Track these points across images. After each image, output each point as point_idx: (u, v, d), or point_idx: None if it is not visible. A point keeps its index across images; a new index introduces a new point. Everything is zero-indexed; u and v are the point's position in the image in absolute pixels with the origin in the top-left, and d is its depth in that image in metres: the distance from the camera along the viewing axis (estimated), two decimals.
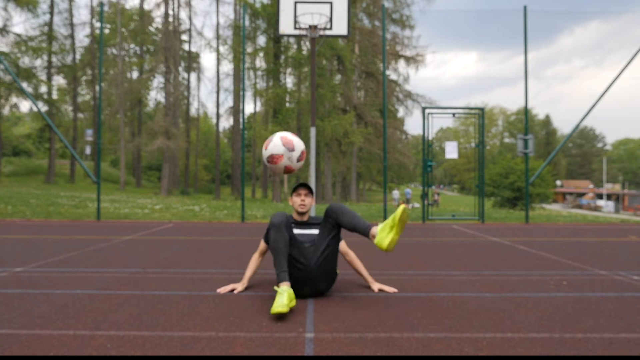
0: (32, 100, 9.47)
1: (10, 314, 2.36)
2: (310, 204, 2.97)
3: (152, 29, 33.78)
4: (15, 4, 24.56)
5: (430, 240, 5.94)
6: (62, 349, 1.87)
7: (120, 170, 28.85)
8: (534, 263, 4.21)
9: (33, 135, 41.50)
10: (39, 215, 8.99)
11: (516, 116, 71.35)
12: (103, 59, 14.43)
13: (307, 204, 2.95)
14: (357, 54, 25.10)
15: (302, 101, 22.84)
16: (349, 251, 3.08)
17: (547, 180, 28.14)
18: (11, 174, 28.00)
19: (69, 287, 3.01)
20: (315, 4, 7.65)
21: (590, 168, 75.52)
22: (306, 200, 2.95)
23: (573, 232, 7.26)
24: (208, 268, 3.77)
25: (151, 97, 37.58)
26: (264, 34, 24.64)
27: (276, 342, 1.98)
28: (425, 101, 29.09)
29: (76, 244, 5.08)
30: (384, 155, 9.33)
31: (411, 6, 28.02)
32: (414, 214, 11.15)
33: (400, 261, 4.24)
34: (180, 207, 12.43)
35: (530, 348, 1.94)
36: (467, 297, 2.86)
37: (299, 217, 2.98)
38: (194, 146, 38.73)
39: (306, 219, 2.99)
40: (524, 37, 9.21)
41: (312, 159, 7.86)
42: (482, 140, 9.47)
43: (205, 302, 2.67)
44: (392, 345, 1.95)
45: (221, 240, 5.69)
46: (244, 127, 9.34)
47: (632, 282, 3.37)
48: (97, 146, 9.27)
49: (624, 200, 45.62)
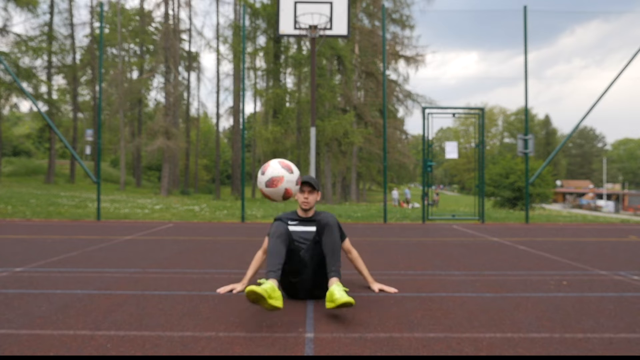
0: (32, 100, 9.47)
1: (10, 314, 2.36)
2: (314, 200, 2.96)
3: (152, 29, 33.78)
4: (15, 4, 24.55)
5: (430, 240, 5.94)
6: (62, 349, 1.87)
7: (120, 170, 28.85)
8: (534, 263, 4.21)
9: (33, 135, 41.51)
10: (39, 215, 8.99)
11: (516, 116, 71.37)
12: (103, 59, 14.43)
13: (310, 201, 2.94)
14: (357, 54, 25.11)
15: (302, 101, 22.84)
16: (352, 249, 3.07)
17: (547, 180, 28.15)
18: (11, 174, 27.99)
19: (69, 287, 3.01)
20: (315, 4, 7.65)
21: (590, 168, 75.54)
22: (310, 197, 2.93)
23: (573, 232, 7.26)
24: (208, 268, 3.77)
25: (151, 97, 37.58)
26: (264, 33, 24.64)
27: (276, 342, 1.98)
28: (425, 101, 29.12)
29: (76, 244, 5.08)
30: (384, 155, 9.33)
31: (411, 6, 28.06)
32: (414, 214, 11.15)
33: (400, 261, 4.24)
34: (180, 207, 12.43)
35: (530, 348, 1.94)
36: (467, 297, 2.86)
37: (303, 213, 2.97)
38: (194, 146, 38.72)
39: (311, 215, 2.98)
40: (524, 37, 9.21)
41: (312, 159, 7.87)
42: (482, 140, 9.47)
43: (205, 302, 2.67)
44: (392, 345, 1.95)
45: (221, 240, 5.69)
46: (244, 127, 9.34)
47: (632, 282, 3.37)
48: (97, 146, 9.27)
49: (624, 200, 45.62)
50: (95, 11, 30.83)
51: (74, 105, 30.15)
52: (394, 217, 9.98)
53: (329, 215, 3.00)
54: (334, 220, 3.00)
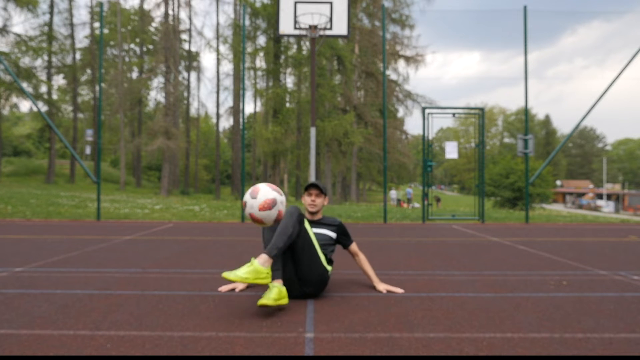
0: (32, 100, 9.47)
1: (10, 314, 2.36)
2: (321, 204, 2.99)
3: (152, 29, 33.78)
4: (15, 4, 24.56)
5: (430, 240, 5.94)
6: (62, 349, 1.87)
7: (120, 170, 28.86)
8: (534, 263, 4.21)
9: (33, 135, 41.50)
10: (39, 215, 8.99)
11: (516, 116, 71.37)
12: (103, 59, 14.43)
13: (317, 204, 2.97)
14: (357, 54, 25.10)
15: (302, 101, 22.84)
16: (359, 252, 3.09)
17: (547, 180, 28.15)
18: (11, 174, 27.99)
19: (69, 287, 3.01)
20: (315, 4, 7.65)
21: (590, 168, 75.54)
22: (317, 201, 2.97)
23: (573, 232, 7.26)
24: (208, 268, 3.77)
25: (151, 97, 37.62)
26: (264, 33, 24.64)
27: (276, 342, 1.98)
28: (425, 101, 29.11)
29: (76, 244, 5.08)
30: (384, 155, 9.33)
31: (411, 6, 28.04)
32: (414, 214, 11.15)
33: (400, 261, 4.24)
34: (180, 207, 12.43)
35: (530, 348, 1.94)
36: (467, 297, 2.86)
37: (309, 216, 3.02)
38: (194, 146, 38.74)
39: (317, 219, 3.02)
40: (524, 37, 9.21)
41: (312, 159, 7.86)
42: (482, 140, 9.47)
43: (205, 302, 2.67)
44: (392, 345, 1.95)
45: (221, 240, 5.69)
46: (244, 127, 9.34)
47: (632, 282, 3.37)
48: (97, 146, 9.27)
49: (624, 200, 45.62)
50: (95, 11, 30.83)
51: (74, 105, 30.15)
52: (394, 217, 9.99)
53: (335, 219, 3.03)
54: (335, 221, 3.03)
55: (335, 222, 3.02)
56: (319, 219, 3.01)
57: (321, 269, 2.74)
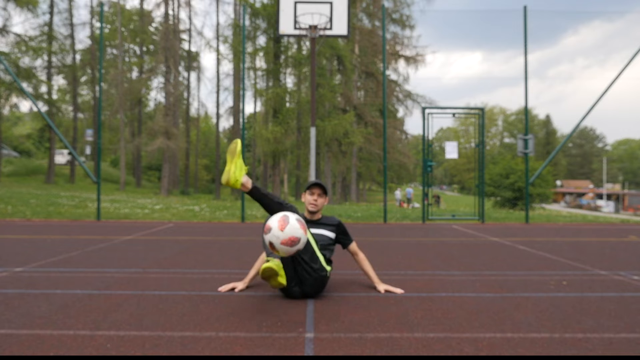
0: (32, 100, 9.47)
1: (10, 314, 2.36)
2: (322, 204, 2.98)
3: (152, 29, 33.77)
4: (15, 4, 24.53)
5: (430, 240, 5.94)
6: (62, 349, 1.87)
7: (120, 170, 28.84)
8: (534, 263, 4.21)
9: (33, 135, 41.49)
10: (39, 215, 8.99)
11: (516, 116, 71.37)
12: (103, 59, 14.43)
13: (318, 204, 2.96)
14: (357, 54, 25.09)
15: (302, 101, 22.82)
16: (358, 252, 3.08)
17: (547, 180, 28.14)
18: (11, 174, 27.98)
19: (69, 287, 3.01)
20: (315, 4, 7.65)
21: (590, 168, 75.52)
22: (318, 200, 2.96)
23: (573, 232, 7.26)
24: (208, 268, 3.77)
25: (151, 97, 37.58)
26: (264, 33, 24.62)
27: (276, 342, 1.98)
28: (425, 101, 29.12)
29: (76, 244, 5.08)
30: (384, 155, 9.33)
31: (411, 6, 28.04)
32: (414, 214, 11.15)
33: (400, 261, 4.24)
34: (180, 207, 12.42)
35: (530, 348, 1.94)
36: (467, 297, 2.86)
37: (309, 215, 3.00)
38: (194, 146, 38.71)
39: (316, 219, 3.01)
40: (524, 37, 9.21)
41: (312, 159, 7.87)
42: (482, 140, 9.47)
43: (205, 302, 2.67)
44: (392, 345, 1.95)
45: (221, 240, 5.69)
46: (244, 127, 9.34)
47: (632, 282, 3.37)
48: (97, 146, 9.27)
49: (624, 200, 45.62)
50: (95, 11, 30.83)
51: (74, 105, 30.14)
52: (394, 217, 9.99)
53: (334, 219, 3.03)
54: (334, 221, 3.04)
55: (334, 222, 3.01)
56: (318, 219, 3.01)
57: (320, 269, 2.73)
